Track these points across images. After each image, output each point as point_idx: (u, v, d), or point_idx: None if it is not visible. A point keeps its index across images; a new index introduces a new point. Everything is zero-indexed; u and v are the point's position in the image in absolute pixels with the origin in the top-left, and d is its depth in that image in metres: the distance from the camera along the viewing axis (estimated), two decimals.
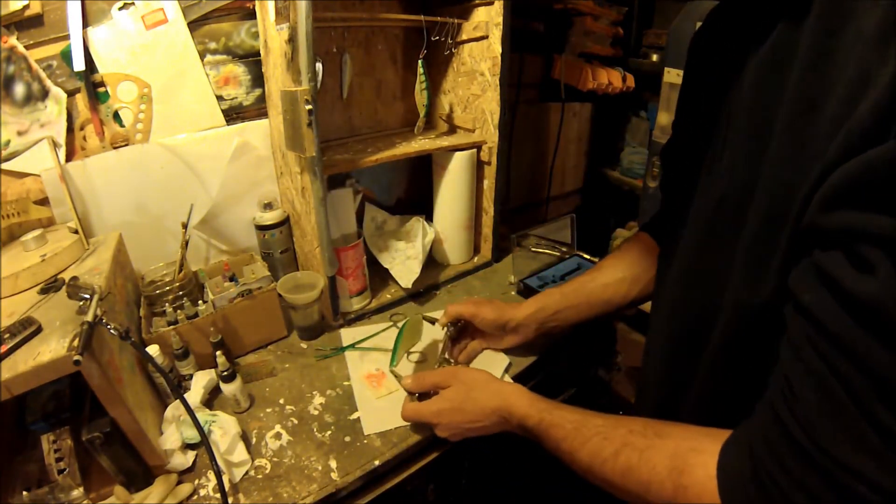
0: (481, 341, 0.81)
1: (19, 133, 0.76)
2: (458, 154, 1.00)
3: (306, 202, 0.83)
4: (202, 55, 0.88)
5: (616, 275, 0.72)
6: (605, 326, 1.27)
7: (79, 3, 0.75)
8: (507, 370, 0.79)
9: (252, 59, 0.92)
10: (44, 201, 0.80)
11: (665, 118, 1.18)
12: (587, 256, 1.15)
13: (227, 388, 0.70)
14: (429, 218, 1.10)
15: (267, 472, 0.63)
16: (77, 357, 0.47)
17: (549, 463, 0.54)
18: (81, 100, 0.80)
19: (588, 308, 0.74)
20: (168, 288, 0.80)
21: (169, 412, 0.66)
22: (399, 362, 0.79)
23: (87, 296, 0.55)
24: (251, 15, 0.89)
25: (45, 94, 0.77)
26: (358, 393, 0.76)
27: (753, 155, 0.37)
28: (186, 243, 0.83)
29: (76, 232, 0.75)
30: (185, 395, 0.68)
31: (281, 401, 0.75)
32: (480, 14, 0.94)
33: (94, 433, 0.54)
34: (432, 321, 0.84)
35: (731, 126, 0.41)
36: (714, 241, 0.42)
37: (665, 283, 0.53)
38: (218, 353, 0.69)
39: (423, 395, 0.68)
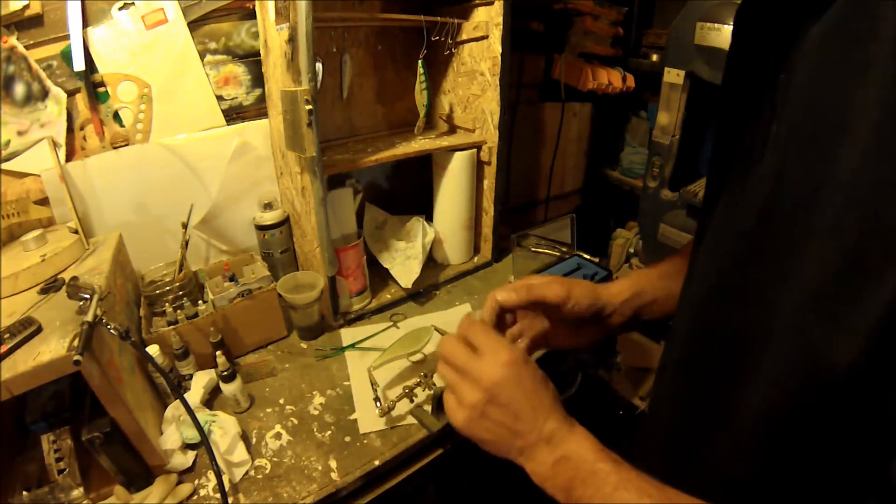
0: (544, 336, 0.58)
1: (19, 133, 0.76)
2: (458, 154, 1.00)
3: (306, 202, 0.83)
4: (202, 55, 0.88)
5: None
6: None
7: (79, 3, 0.75)
8: None
9: (252, 59, 0.92)
10: (44, 201, 0.80)
11: (665, 118, 1.18)
12: (587, 256, 1.14)
13: (227, 388, 0.70)
14: (429, 218, 1.10)
15: (267, 472, 0.63)
16: (77, 357, 0.47)
17: None
18: (81, 100, 0.80)
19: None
20: (168, 288, 0.80)
21: (169, 412, 0.66)
22: (381, 364, 0.78)
23: (87, 296, 0.55)
24: (251, 15, 0.89)
25: (45, 94, 0.77)
26: (357, 393, 0.76)
27: (820, 156, 0.28)
28: (186, 243, 0.83)
29: (76, 232, 0.75)
30: (185, 395, 0.68)
31: (281, 401, 0.75)
32: (480, 14, 0.94)
33: (94, 433, 0.54)
34: (443, 334, 0.82)
35: (782, 119, 0.32)
36: (758, 259, 0.34)
37: (690, 294, 0.44)
38: (218, 353, 0.69)
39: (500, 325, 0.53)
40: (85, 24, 0.77)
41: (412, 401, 0.71)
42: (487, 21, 0.93)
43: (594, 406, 1.24)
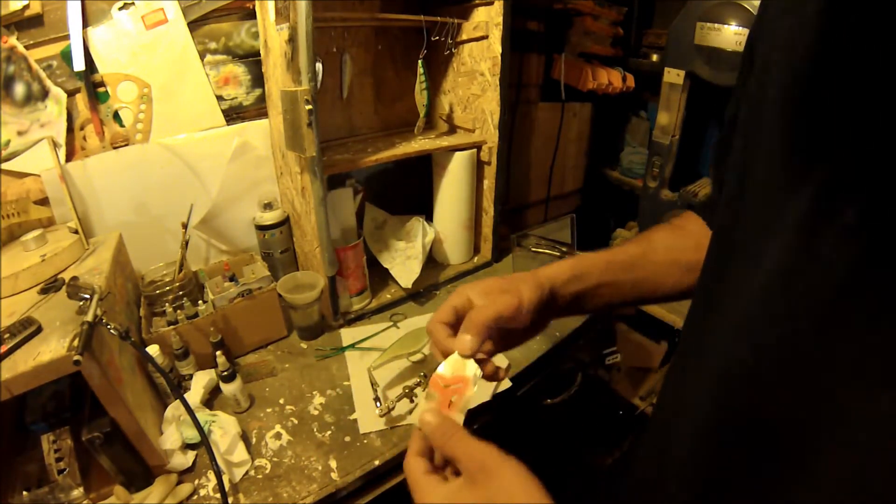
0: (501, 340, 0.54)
1: (19, 133, 0.76)
2: (458, 154, 1.00)
3: (306, 202, 0.83)
4: (202, 55, 0.87)
5: (671, 255, 0.54)
6: (605, 326, 1.27)
7: (79, 3, 0.75)
8: (506, 372, 0.79)
9: (252, 59, 0.92)
10: (44, 201, 0.80)
11: (665, 118, 1.18)
12: None
13: (227, 388, 0.70)
14: (429, 218, 1.10)
15: (267, 472, 0.63)
16: (77, 357, 0.47)
17: (549, 463, 0.52)
18: (81, 100, 0.80)
19: (632, 290, 0.54)
20: (168, 288, 0.80)
21: (169, 412, 0.66)
22: (380, 364, 0.78)
23: (87, 296, 0.55)
24: (251, 15, 0.89)
25: (45, 94, 0.77)
26: (357, 393, 0.76)
27: None
28: (186, 243, 0.83)
29: (76, 232, 0.75)
30: (185, 395, 0.68)
31: (281, 401, 0.75)
32: (480, 14, 0.94)
33: (94, 433, 0.54)
34: None
35: None
36: (846, 325, 0.24)
37: (713, 364, 0.33)
38: (218, 353, 0.69)
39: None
40: (85, 24, 0.77)
41: (412, 401, 0.71)
42: (487, 21, 0.93)
43: (594, 406, 1.24)
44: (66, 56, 0.77)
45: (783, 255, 0.27)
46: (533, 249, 1.15)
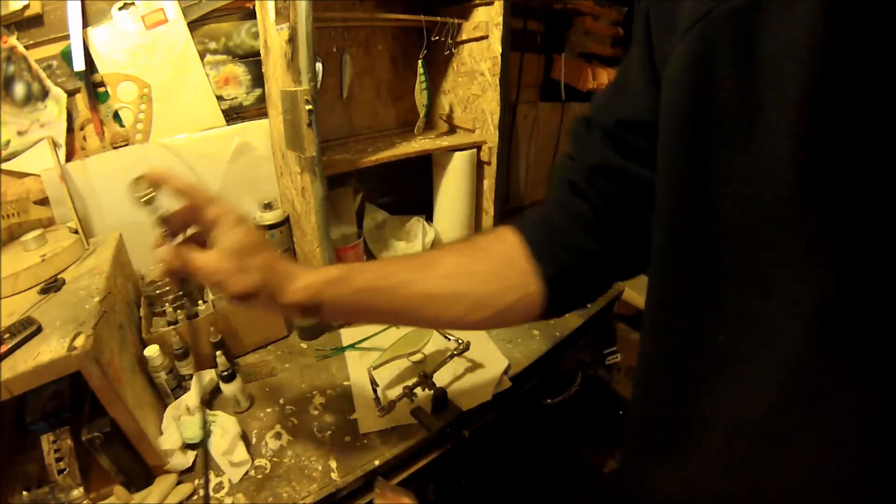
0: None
1: (19, 133, 0.76)
2: (458, 154, 1.00)
3: (306, 202, 0.83)
4: (202, 55, 0.87)
5: (456, 287, 0.45)
6: (605, 326, 1.27)
7: (79, 3, 0.75)
8: (506, 372, 0.79)
9: (252, 59, 0.92)
10: (44, 201, 0.80)
11: None
12: None
13: (227, 388, 0.70)
14: (429, 218, 1.10)
15: (267, 472, 0.63)
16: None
17: (549, 463, 0.52)
18: (81, 100, 0.80)
19: (390, 317, 0.49)
20: (168, 288, 0.80)
21: (169, 412, 0.66)
22: (380, 364, 0.78)
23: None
24: (251, 15, 0.89)
25: (45, 94, 0.77)
26: (357, 393, 0.76)
27: None
28: None
29: (76, 232, 0.75)
30: (185, 396, 0.68)
31: (281, 401, 0.75)
32: (480, 14, 0.94)
33: (94, 433, 0.54)
34: (447, 336, 0.83)
35: None
36: None
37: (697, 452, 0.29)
38: (218, 353, 0.69)
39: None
40: (85, 24, 0.77)
41: (412, 401, 0.71)
42: (487, 21, 0.93)
43: (594, 406, 1.24)
44: (66, 56, 0.77)
45: (793, 359, 0.20)
46: None
